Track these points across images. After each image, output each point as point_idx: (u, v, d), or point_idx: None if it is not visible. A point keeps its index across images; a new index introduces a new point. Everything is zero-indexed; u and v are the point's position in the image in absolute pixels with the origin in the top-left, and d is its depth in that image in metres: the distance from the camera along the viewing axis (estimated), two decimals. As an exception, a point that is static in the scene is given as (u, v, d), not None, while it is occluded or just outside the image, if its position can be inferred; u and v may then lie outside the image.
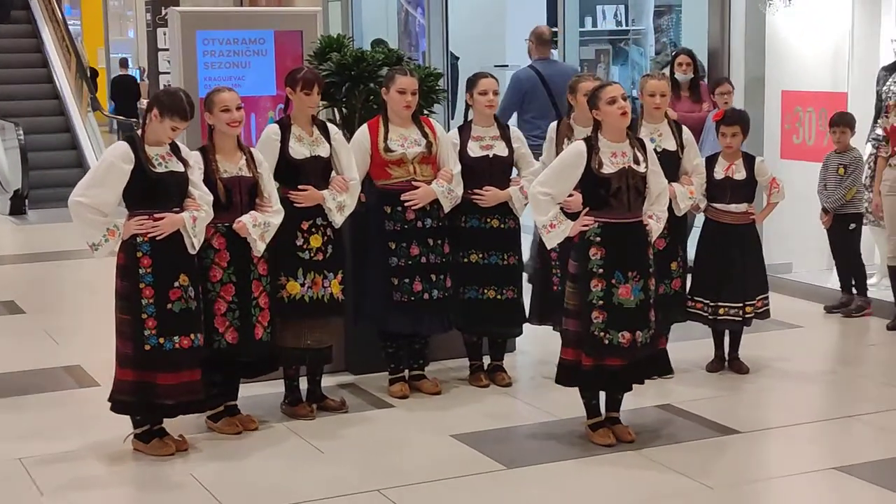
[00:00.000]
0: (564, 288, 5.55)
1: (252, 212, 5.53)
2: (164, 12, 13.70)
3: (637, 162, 5.39)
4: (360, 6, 13.24)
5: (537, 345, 6.91)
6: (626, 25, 14.37)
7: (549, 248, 5.81)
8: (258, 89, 7.21)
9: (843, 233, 7.82)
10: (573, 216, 5.47)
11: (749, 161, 6.51)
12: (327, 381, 6.25)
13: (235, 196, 5.49)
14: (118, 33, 24.53)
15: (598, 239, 5.34)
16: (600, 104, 5.36)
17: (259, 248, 5.49)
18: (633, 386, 5.58)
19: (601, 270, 5.32)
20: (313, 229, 5.78)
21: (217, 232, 5.47)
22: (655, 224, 5.49)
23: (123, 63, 21.26)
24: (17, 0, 17.28)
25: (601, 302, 5.30)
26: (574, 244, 5.45)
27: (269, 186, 5.62)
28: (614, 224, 5.34)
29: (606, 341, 5.30)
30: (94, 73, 20.47)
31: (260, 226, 5.50)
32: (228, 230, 5.49)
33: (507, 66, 12.43)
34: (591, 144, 5.37)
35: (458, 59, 12.37)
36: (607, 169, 5.32)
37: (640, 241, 5.41)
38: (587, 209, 5.39)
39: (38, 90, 15.93)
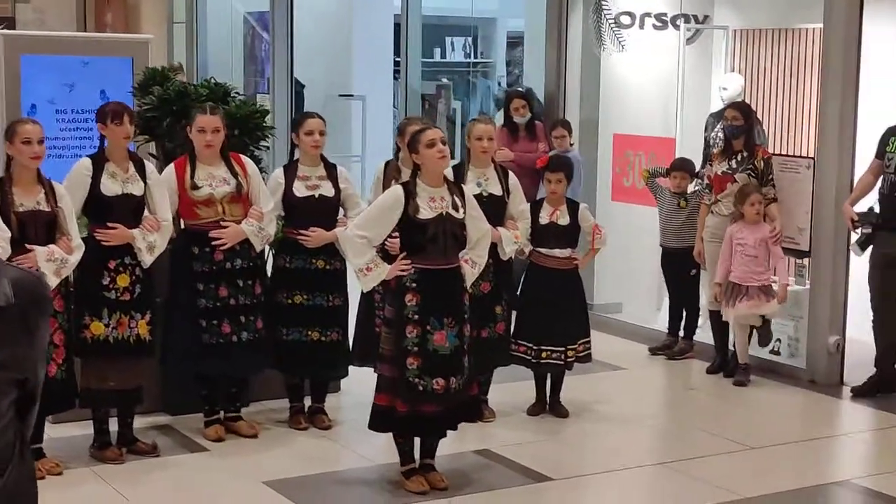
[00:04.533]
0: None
1: (51, 245, 5.36)
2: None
3: (455, 208, 5.39)
4: (205, 30, 13.03)
5: (362, 386, 6.79)
6: (475, 58, 14.49)
7: (364, 290, 5.77)
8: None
9: (682, 277, 7.95)
10: (391, 259, 5.44)
11: (573, 207, 6.58)
12: (141, 423, 6.09)
13: (31, 231, 5.32)
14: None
15: (415, 285, 5.31)
16: (420, 147, 5.35)
17: (51, 282, 5.29)
18: (448, 431, 5.57)
19: (417, 316, 5.29)
20: (121, 268, 5.64)
21: None
22: (470, 270, 5.49)
23: None
24: None
25: (416, 348, 5.28)
26: (390, 289, 5.42)
27: (72, 223, 5.46)
28: (431, 270, 5.32)
29: (421, 387, 5.27)
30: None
31: (56, 261, 5.33)
32: None
33: (352, 95, 12.40)
34: (409, 189, 5.36)
35: (303, 86, 12.27)
36: (424, 214, 5.31)
37: (457, 288, 5.41)
38: (404, 254, 5.37)
39: None
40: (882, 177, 6.95)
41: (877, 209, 7.05)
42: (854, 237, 7.09)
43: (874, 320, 7.08)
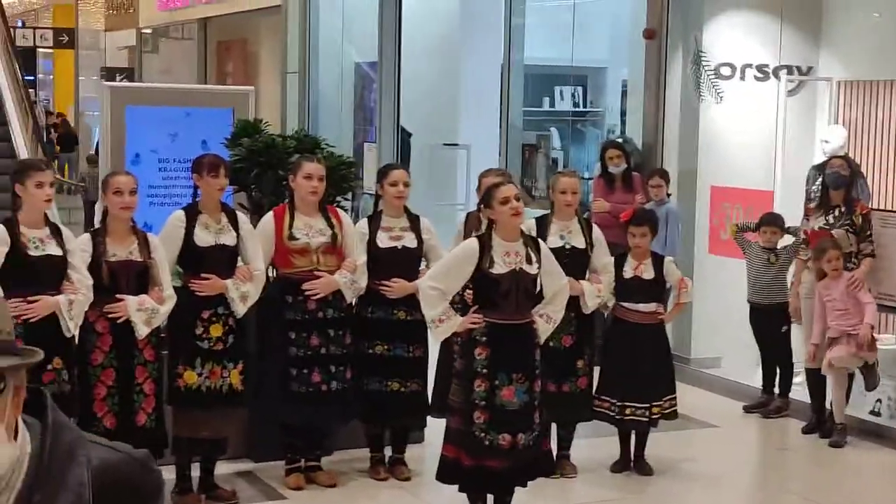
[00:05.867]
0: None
1: (143, 295, 5.49)
2: (119, 78, 13.77)
3: (529, 262, 5.36)
4: (317, 79, 13.30)
5: (445, 437, 6.82)
6: (584, 107, 14.42)
7: (437, 341, 5.78)
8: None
9: (772, 334, 7.77)
10: (464, 311, 5.44)
11: (658, 261, 6.49)
12: (226, 468, 6.17)
13: (122, 280, 5.45)
14: (91, 90, 24.54)
15: (485, 338, 5.29)
16: (494, 203, 5.34)
17: (142, 331, 5.43)
18: (522, 487, 5.50)
19: (485, 370, 5.27)
20: (214, 318, 5.74)
21: (101, 315, 5.42)
22: (544, 325, 5.45)
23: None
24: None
25: (483, 402, 5.25)
26: (461, 341, 5.41)
27: (164, 273, 5.58)
28: (501, 325, 5.29)
29: (487, 442, 5.23)
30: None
31: (147, 311, 5.45)
32: None
33: (457, 144, 12.47)
34: (484, 243, 5.35)
35: (410, 135, 12.39)
36: (498, 269, 5.28)
37: (528, 343, 5.36)
38: (476, 307, 5.36)
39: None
40: None
41: None
42: None
43: None
